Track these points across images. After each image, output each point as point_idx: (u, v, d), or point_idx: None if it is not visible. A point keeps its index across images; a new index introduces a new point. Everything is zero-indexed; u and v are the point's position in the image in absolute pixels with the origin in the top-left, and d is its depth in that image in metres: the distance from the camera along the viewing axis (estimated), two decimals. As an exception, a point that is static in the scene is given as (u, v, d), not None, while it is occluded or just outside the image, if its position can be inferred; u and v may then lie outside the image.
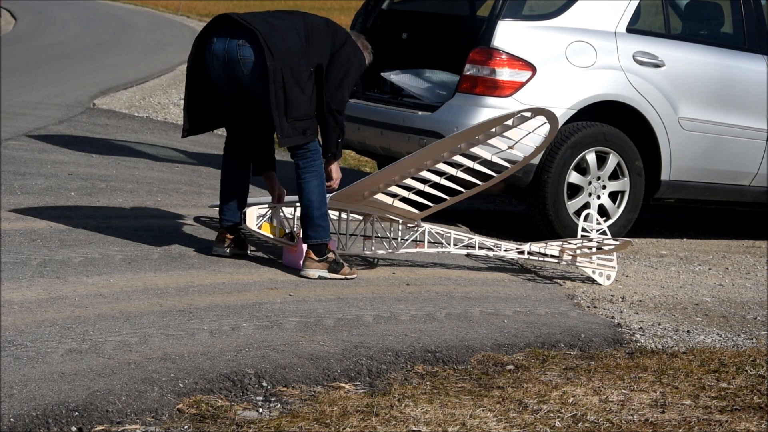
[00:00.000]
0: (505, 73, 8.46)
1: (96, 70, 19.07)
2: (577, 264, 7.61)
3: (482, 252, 7.45)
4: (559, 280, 7.59)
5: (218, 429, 4.58)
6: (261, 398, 4.98)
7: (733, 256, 9.07)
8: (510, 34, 8.50)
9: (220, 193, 7.00)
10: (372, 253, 7.27)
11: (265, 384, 5.09)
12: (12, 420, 4.36)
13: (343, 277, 6.83)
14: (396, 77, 9.33)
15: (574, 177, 8.68)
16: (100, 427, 4.49)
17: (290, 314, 6.03)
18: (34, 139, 10.57)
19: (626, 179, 8.84)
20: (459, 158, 6.90)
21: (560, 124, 8.34)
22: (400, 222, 7.30)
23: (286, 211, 7.17)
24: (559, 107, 8.43)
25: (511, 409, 4.99)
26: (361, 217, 7.25)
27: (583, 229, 7.87)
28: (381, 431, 4.63)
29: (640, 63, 8.80)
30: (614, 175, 8.83)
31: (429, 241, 7.35)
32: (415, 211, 7.31)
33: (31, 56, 20.95)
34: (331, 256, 6.83)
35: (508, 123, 6.59)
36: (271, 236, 7.04)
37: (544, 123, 6.72)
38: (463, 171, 7.03)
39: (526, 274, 7.70)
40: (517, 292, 7.16)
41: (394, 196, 7.15)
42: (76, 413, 4.50)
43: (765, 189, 9.45)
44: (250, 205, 7.07)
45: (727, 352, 6.13)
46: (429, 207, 7.27)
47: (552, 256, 7.58)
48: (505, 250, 7.50)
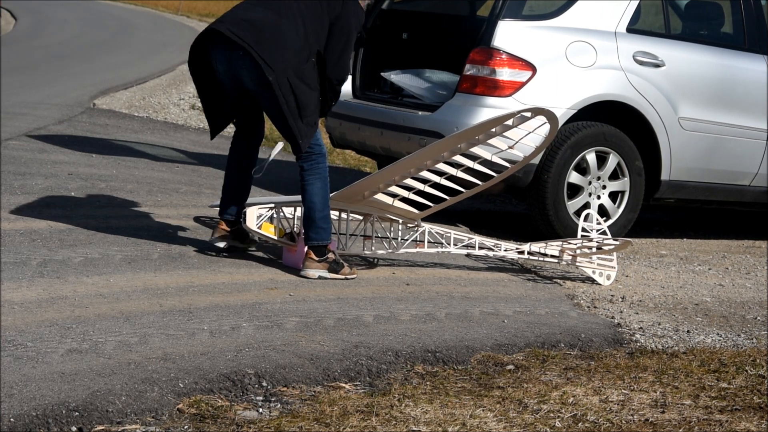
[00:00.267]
0: (505, 73, 8.46)
1: (96, 70, 19.07)
2: (577, 264, 7.61)
3: (482, 252, 7.45)
4: (559, 280, 7.59)
5: (218, 429, 4.58)
6: (261, 398, 4.98)
7: (733, 256, 9.07)
8: (510, 34, 8.50)
9: (222, 188, 7.02)
10: (372, 253, 7.27)
11: (265, 384, 5.09)
12: (12, 420, 4.36)
13: (343, 277, 6.83)
14: (396, 77, 9.33)
15: (574, 177, 8.68)
16: (100, 427, 4.49)
17: (290, 314, 6.03)
18: (34, 139, 10.57)
19: (626, 179, 8.85)
20: (459, 158, 6.90)
21: (560, 124, 8.34)
22: (400, 222, 7.30)
23: (286, 211, 7.17)
24: (559, 107, 8.43)
25: (511, 409, 4.99)
26: (361, 217, 7.25)
27: (583, 229, 7.87)
28: (381, 431, 4.63)
29: (640, 63, 8.80)
30: (614, 175, 8.83)
31: (429, 241, 7.35)
32: (415, 211, 7.31)
33: (31, 56, 20.96)
34: (331, 256, 6.82)
35: (508, 123, 6.59)
36: (271, 236, 7.04)
37: (544, 123, 6.72)
38: (463, 171, 7.03)
39: (526, 274, 7.70)
40: (517, 292, 7.16)
41: (394, 196, 7.15)
42: (76, 413, 4.50)
43: (765, 189, 9.45)
44: (250, 205, 7.07)
45: (727, 352, 6.13)
46: (429, 207, 7.27)
47: (552, 256, 7.58)
48: (505, 250, 7.50)
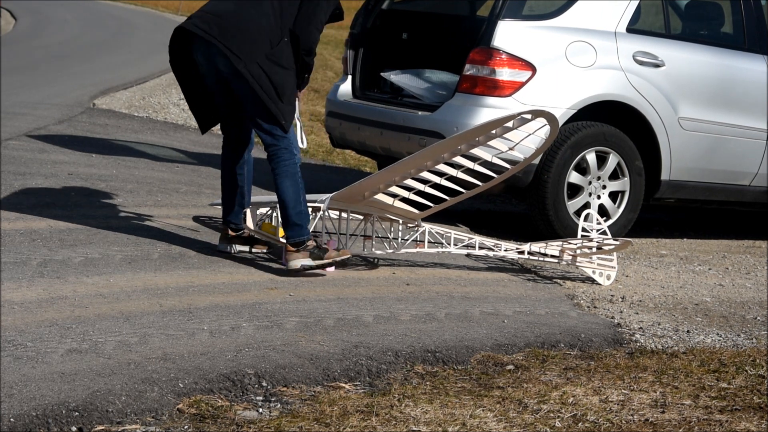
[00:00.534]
0: (505, 73, 8.46)
1: (96, 70, 19.07)
2: (577, 264, 7.61)
3: (482, 252, 7.45)
4: (559, 280, 7.59)
5: (218, 429, 4.58)
6: (261, 398, 4.98)
7: (733, 256, 9.07)
8: (510, 34, 8.50)
9: (221, 196, 7.04)
10: (372, 253, 7.27)
11: (265, 384, 5.09)
12: (12, 420, 4.37)
13: (330, 261, 6.77)
14: (396, 77, 9.33)
15: (574, 177, 8.68)
16: (100, 427, 4.49)
17: (290, 314, 6.03)
18: (34, 139, 10.57)
19: (626, 179, 8.85)
20: (459, 159, 6.90)
21: (560, 124, 8.34)
22: (401, 222, 7.30)
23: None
24: (559, 107, 8.43)
25: (511, 409, 4.99)
26: (362, 217, 7.25)
27: (583, 229, 7.87)
28: (381, 431, 4.63)
29: (640, 63, 8.80)
30: (614, 175, 8.83)
31: (429, 241, 7.35)
32: (416, 212, 7.31)
33: (31, 56, 20.96)
34: (311, 243, 6.77)
35: (509, 125, 6.59)
36: (272, 236, 7.04)
37: (545, 125, 6.73)
38: (463, 172, 7.04)
39: (526, 274, 7.70)
40: (517, 292, 7.16)
41: (394, 196, 7.15)
42: (76, 413, 4.50)
43: (765, 189, 9.45)
44: (250, 205, 7.07)
45: (727, 352, 6.13)
46: (429, 207, 7.27)
47: (552, 256, 7.58)
48: (505, 250, 7.50)
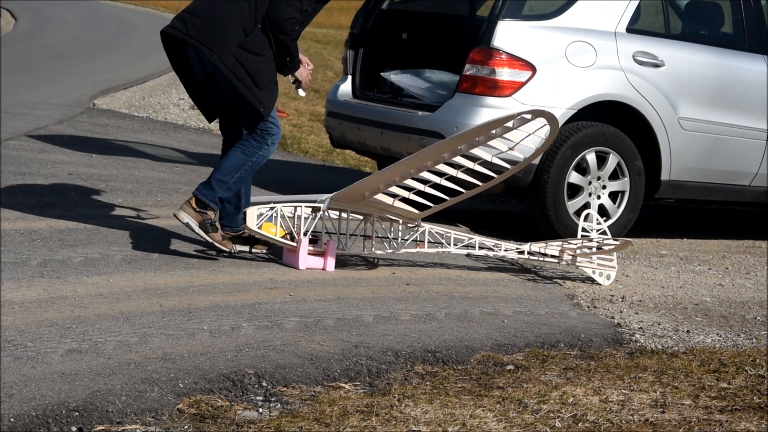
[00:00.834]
0: (505, 73, 8.46)
1: (96, 70, 19.07)
2: (577, 264, 7.61)
3: (482, 252, 7.45)
4: (559, 280, 7.59)
5: (218, 429, 4.58)
6: (261, 398, 4.98)
7: (733, 256, 9.07)
8: (510, 34, 8.50)
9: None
10: (372, 253, 7.28)
11: (265, 384, 5.09)
12: (12, 420, 4.37)
13: (211, 241, 6.80)
14: (396, 77, 9.33)
15: (574, 177, 8.68)
16: (100, 427, 4.49)
17: (290, 314, 6.03)
18: (34, 139, 10.57)
19: (626, 179, 8.85)
20: (459, 159, 6.90)
21: (560, 124, 8.34)
22: (400, 222, 7.30)
23: (286, 211, 7.16)
24: (559, 107, 8.43)
25: (511, 409, 4.99)
26: (361, 217, 7.25)
27: (583, 229, 7.87)
28: (381, 431, 4.63)
29: (640, 63, 8.80)
30: (614, 175, 8.83)
31: (429, 241, 7.35)
32: (416, 212, 7.31)
33: (31, 56, 20.95)
34: (210, 215, 6.77)
35: (509, 125, 6.59)
36: (271, 236, 7.04)
37: (545, 125, 6.72)
38: (463, 172, 7.03)
39: (526, 274, 7.70)
40: (517, 292, 7.16)
41: (394, 196, 7.15)
42: (76, 413, 4.51)
43: (765, 189, 9.45)
44: (250, 205, 7.07)
45: (727, 352, 6.13)
46: (429, 207, 7.27)
47: (552, 256, 7.58)
48: (505, 250, 7.50)
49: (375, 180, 6.98)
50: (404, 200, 7.22)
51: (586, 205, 8.66)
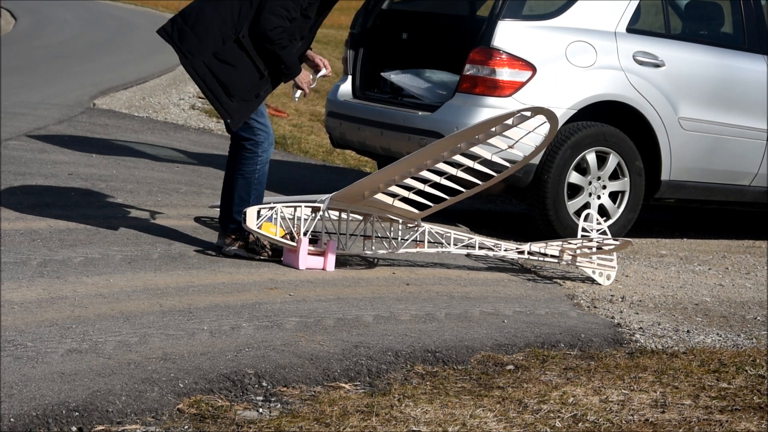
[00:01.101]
0: (505, 73, 8.46)
1: (96, 70, 19.06)
2: (577, 264, 7.61)
3: (482, 252, 7.45)
4: (559, 280, 7.59)
5: (218, 429, 4.58)
6: (261, 398, 4.98)
7: (733, 256, 9.07)
8: (510, 34, 8.50)
9: (221, 196, 7.05)
10: (372, 253, 7.27)
11: (265, 384, 5.09)
12: (12, 420, 4.37)
13: (265, 258, 7.00)
14: (396, 77, 9.33)
15: (574, 177, 8.68)
16: (100, 427, 4.49)
17: (290, 314, 6.03)
18: (34, 139, 10.57)
19: (626, 179, 8.84)
20: (459, 158, 6.90)
21: (560, 124, 8.34)
22: (400, 222, 7.30)
23: (286, 211, 7.16)
24: (559, 107, 8.43)
25: (511, 409, 4.99)
26: (361, 217, 7.25)
27: (583, 229, 7.87)
28: (381, 431, 4.63)
29: (640, 63, 8.80)
30: (614, 175, 8.83)
31: (429, 241, 7.34)
32: (415, 211, 7.30)
33: (31, 56, 20.95)
34: (251, 237, 6.98)
35: (508, 122, 6.59)
36: (271, 236, 7.04)
37: (544, 122, 6.72)
38: (463, 171, 7.03)
39: (526, 274, 7.70)
40: (517, 292, 7.16)
41: (394, 195, 7.15)
42: (76, 413, 4.50)
43: (765, 189, 9.45)
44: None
45: (727, 352, 6.13)
46: (429, 207, 7.27)
47: (552, 256, 7.58)
48: (505, 250, 7.50)
49: (375, 179, 6.98)
50: (404, 200, 7.22)
51: (586, 205, 8.66)
